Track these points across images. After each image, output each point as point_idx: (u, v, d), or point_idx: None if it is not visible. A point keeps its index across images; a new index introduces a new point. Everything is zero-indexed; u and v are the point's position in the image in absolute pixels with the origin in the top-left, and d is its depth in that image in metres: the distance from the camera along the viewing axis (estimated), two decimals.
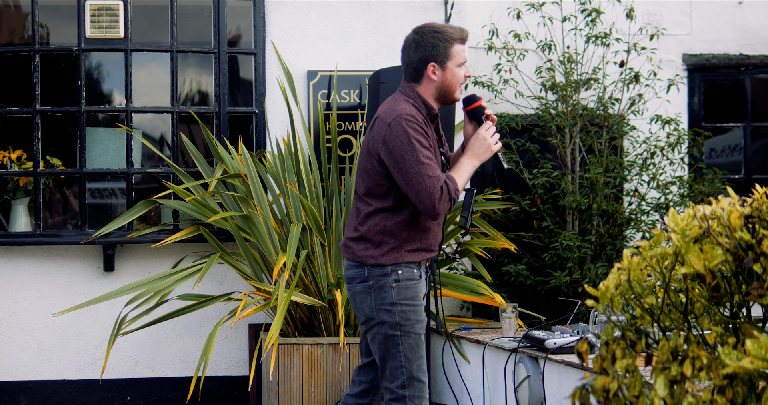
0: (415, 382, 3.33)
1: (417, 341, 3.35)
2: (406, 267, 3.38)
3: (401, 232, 3.39)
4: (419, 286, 3.42)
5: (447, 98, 3.44)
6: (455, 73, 3.38)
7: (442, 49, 3.36)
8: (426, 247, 3.46)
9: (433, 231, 3.47)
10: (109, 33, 5.61)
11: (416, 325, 3.35)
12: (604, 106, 5.89)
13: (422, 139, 3.30)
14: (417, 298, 3.39)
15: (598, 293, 2.05)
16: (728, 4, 6.75)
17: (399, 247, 3.39)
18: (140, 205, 5.45)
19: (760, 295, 1.86)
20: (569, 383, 3.91)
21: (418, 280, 3.41)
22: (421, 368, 3.35)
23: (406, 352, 3.34)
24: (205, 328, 5.62)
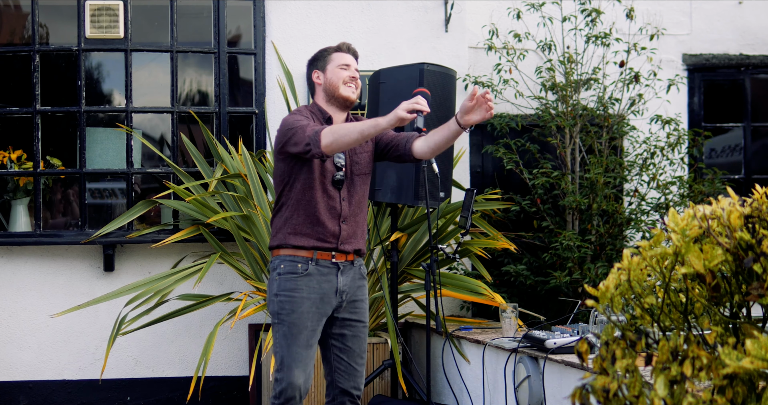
0: (285, 365, 3.57)
1: (291, 330, 3.57)
2: (289, 261, 3.62)
3: (285, 213, 3.67)
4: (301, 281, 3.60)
5: (335, 95, 3.71)
6: (335, 72, 3.72)
7: (322, 58, 3.79)
8: (311, 233, 3.61)
9: (318, 219, 3.61)
10: (109, 33, 5.61)
11: (291, 315, 3.57)
12: (604, 106, 5.89)
13: (301, 117, 3.63)
14: (297, 291, 3.59)
15: (598, 293, 2.05)
16: (728, 4, 6.75)
17: (282, 229, 3.66)
18: (140, 205, 5.45)
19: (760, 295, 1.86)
20: (569, 383, 3.91)
21: (300, 274, 3.60)
22: (293, 356, 3.55)
23: (280, 339, 3.59)
24: (205, 328, 5.62)
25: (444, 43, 5.89)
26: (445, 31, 5.90)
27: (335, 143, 3.44)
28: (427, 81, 4.86)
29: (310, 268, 3.62)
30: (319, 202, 3.63)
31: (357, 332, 3.70)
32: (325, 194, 3.64)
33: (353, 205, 3.69)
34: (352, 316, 3.70)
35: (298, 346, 3.56)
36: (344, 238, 3.66)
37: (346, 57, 3.76)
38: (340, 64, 3.73)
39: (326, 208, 3.63)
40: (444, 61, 5.72)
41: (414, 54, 5.81)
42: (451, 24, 5.90)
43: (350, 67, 3.74)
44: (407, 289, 5.27)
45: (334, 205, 3.64)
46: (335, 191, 3.66)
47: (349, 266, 3.69)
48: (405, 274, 5.33)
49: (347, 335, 3.68)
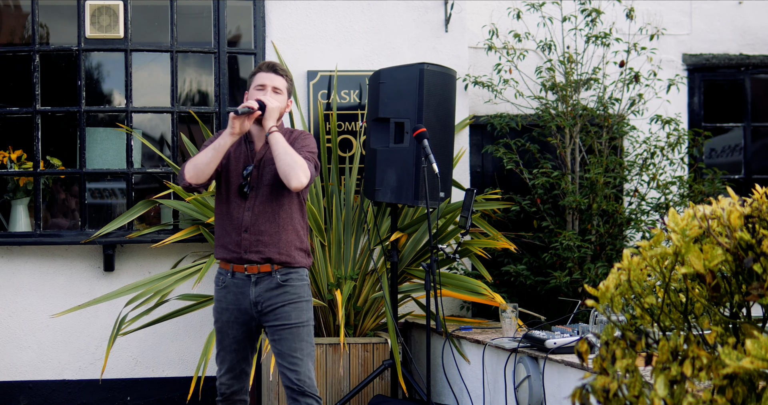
0: (217, 365, 3.90)
1: (218, 335, 3.88)
2: (219, 273, 3.88)
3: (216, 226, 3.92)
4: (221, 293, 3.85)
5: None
6: (252, 94, 3.88)
7: (250, 78, 3.94)
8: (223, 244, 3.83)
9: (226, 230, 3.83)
10: (109, 33, 5.61)
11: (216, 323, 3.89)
12: (604, 106, 5.89)
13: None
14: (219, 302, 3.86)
15: (598, 293, 2.05)
16: (728, 4, 6.75)
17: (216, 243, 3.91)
18: (140, 205, 5.45)
19: (760, 295, 1.86)
20: (569, 383, 3.91)
21: (220, 286, 3.85)
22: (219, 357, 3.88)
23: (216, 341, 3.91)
24: (205, 328, 5.62)
25: (444, 43, 5.89)
26: (445, 31, 5.90)
27: (195, 169, 3.71)
28: (427, 81, 4.86)
29: (227, 280, 3.84)
30: (224, 214, 3.84)
31: (283, 335, 3.80)
32: (229, 206, 3.83)
33: (256, 215, 3.79)
34: (276, 323, 3.81)
35: (224, 351, 3.86)
36: (246, 247, 3.78)
37: (263, 78, 3.88)
38: (256, 85, 3.89)
39: (230, 219, 3.82)
40: (444, 61, 5.72)
41: (414, 54, 5.81)
42: (451, 24, 5.90)
43: (265, 87, 3.86)
44: (407, 289, 5.27)
45: (238, 215, 3.81)
46: (241, 201, 3.82)
47: (265, 277, 3.81)
48: (405, 274, 5.33)
49: (277, 340, 3.83)
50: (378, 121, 4.94)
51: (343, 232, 5.32)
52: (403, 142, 4.85)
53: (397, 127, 4.88)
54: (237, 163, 3.85)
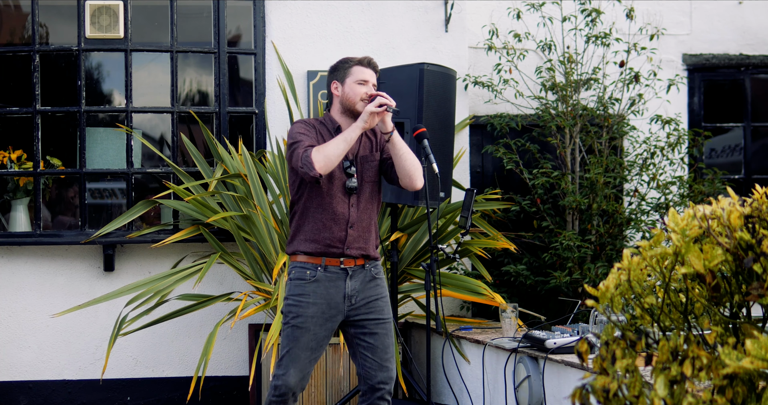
0: (283, 364, 3.73)
1: (294, 332, 3.71)
2: (299, 268, 3.76)
3: (298, 220, 3.81)
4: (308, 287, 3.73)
5: (351, 109, 3.81)
6: (353, 88, 3.80)
7: (343, 70, 3.85)
8: (319, 239, 3.73)
9: (325, 225, 3.74)
10: (109, 33, 5.61)
11: (296, 318, 3.72)
12: (604, 106, 5.89)
13: (302, 129, 3.77)
14: (303, 297, 3.72)
15: (598, 293, 2.05)
16: (728, 4, 6.75)
17: (296, 236, 3.81)
18: (140, 205, 5.45)
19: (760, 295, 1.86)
20: (569, 383, 3.91)
21: (308, 280, 3.73)
22: (291, 356, 3.71)
23: (284, 339, 3.76)
24: (205, 328, 5.62)
25: (444, 43, 5.89)
26: (445, 31, 5.90)
27: (327, 160, 3.62)
28: (427, 81, 4.86)
29: (318, 274, 3.74)
30: (324, 208, 3.75)
31: (377, 329, 3.77)
32: (332, 201, 3.75)
33: (361, 211, 3.79)
34: (369, 316, 3.77)
35: (298, 349, 3.71)
36: (350, 243, 3.75)
37: (365, 72, 3.83)
38: (358, 80, 3.81)
39: (332, 213, 3.75)
40: (444, 61, 5.72)
41: (414, 54, 5.81)
42: (451, 24, 5.90)
43: (368, 83, 3.81)
44: (407, 289, 5.27)
45: (343, 211, 3.76)
46: (345, 197, 3.77)
47: (359, 270, 3.79)
48: (405, 274, 5.33)
49: (367, 333, 3.76)
50: None
51: None
52: None
53: (397, 127, 4.88)
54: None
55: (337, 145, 3.64)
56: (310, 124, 3.84)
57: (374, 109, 3.64)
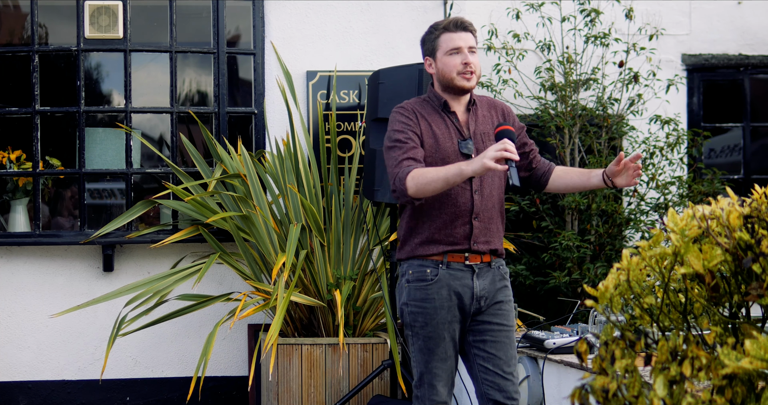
0: (425, 384, 3.27)
1: (427, 344, 3.26)
2: (418, 266, 3.30)
3: (409, 222, 3.35)
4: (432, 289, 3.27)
5: (450, 86, 3.37)
6: (445, 61, 3.35)
7: (430, 42, 3.41)
8: (440, 238, 3.27)
9: (445, 220, 3.27)
10: (109, 33, 5.61)
11: (426, 327, 3.26)
12: (603, 107, 5.89)
13: (399, 124, 3.32)
14: (428, 301, 3.27)
15: (598, 293, 2.05)
16: (728, 4, 6.75)
17: (409, 240, 3.34)
18: (139, 205, 5.45)
19: (759, 295, 1.86)
20: (568, 383, 3.91)
21: (430, 281, 3.27)
22: (432, 372, 3.25)
23: (416, 354, 3.30)
24: (204, 328, 5.62)
25: None
26: None
27: (419, 192, 3.17)
28: (426, 81, 4.86)
29: (440, 273, 3.28)
30: (445, 201, 3.28)
31: (500, 337, 3.31)
32: (451, 190, 3.26)
33: (486, 199, 3.32)
34: (494, 319, 3.31)
35: (437, 361, 3.26)
36: (476, 236, 3.29)
37: (455, 38, 3.34)
38: (449, 50, 3.34)
39: (454, 206, 3.28)
40: None
41: (413, 54, 5.81)
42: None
43: (461, 50, 3.32)
44: None
45: (465, 200, 3.29)
46: (465, 184, 3.27)
47: (486, 268, 3.32)
48: None
49: (489, 341, 3.30)
50: (377, 121, 4.94)
51: (343, 233, 5.31)
52: None
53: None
54: (448, 140, 3.32)
55: (435, 180, 3.13)
56: (411, 110, 3.35)
57: (493, 165, 3.02)
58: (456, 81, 3.34)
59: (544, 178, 3.52)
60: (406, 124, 3.32)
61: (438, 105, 3.38)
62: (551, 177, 3.52)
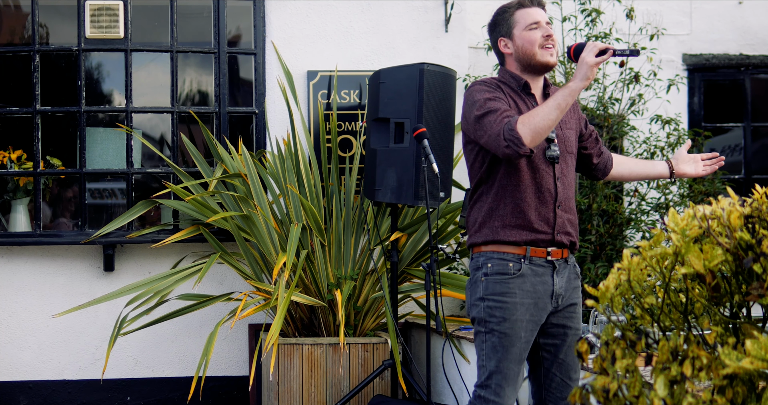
0: (493, 384, 3.07)
1: (503, 341, 3.06)
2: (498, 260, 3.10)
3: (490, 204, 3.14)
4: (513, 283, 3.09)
5: (532, 63, 3.19)
6: (525, 37, 3.17)
7: (503, 21, 3.23)
8: (523, 223, 3.10)
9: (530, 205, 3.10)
10: (109, 33, 5.61)
11: (503, 323, 3.06)
12: (604, 106, 5.89)
13: (487, 94, 3.11)
14: (508, 295, 3.08)
15: (598, 293, 2.05)
16: (728, 4, 6.75)
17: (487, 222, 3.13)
18: (140, 205, 5.45)
19: (760, 295, 1.86)
20: None
21: (512, 275, 3.08)
22: (504, 372, 3.06)
23: (488, 351, 3.09)
24: (205, 328, 5.62)
25: (444, 43, 5.89)
26: (445, 31, 5.90)
27: (535, 134, 2.94)
28: (427, 81, 4.86)
29: (523, 267, 3.09)
30: (528, 186, 3.10)
31: (571, 342, 3.16)
32: (535, 174, 3.11)
33: (567, 187, 3.17)
34: (567, 322, 3.16)
35: (510, 362, 3.05)
36: (560, 226, 3.13)
37: (532, 13, 3.19)
38: (528, 25, 3.17)
39: (537, 191, 3.11)
40: (444, 61, 5.72)
41: (414, 54, 5.81)
42: (451, 24, 5.90)
43: (541, 24, 3.17)
44: (407, 289, 5.27)
45: (549, 186, 3.12)
46: (548, 169, 3.13)
47: (564, 264, 3.16)
48: (405, 274, 5.33)
49: (559, 345, 3.16)
50: (378, 121, 4.94)
51: (343, 232, 5.31)
52: (403, 142, 4.85)
53: (397, 127, 4.88)
54: None
55: (547, 113, 2.93)
56: (495, 85, 3.17)
57: (596, 59, 2.90)
58: (538, 56, 3.17)
59: (610, 163, 3.44)
60: (494, 93, 3.13)
61: (518, 86, 3.21)
62: (615, 163, 3.45)
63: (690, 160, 3.44)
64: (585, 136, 3.37)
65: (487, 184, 3.15)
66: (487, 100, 3.08)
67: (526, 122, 2.95)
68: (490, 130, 3.01)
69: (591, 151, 3.40)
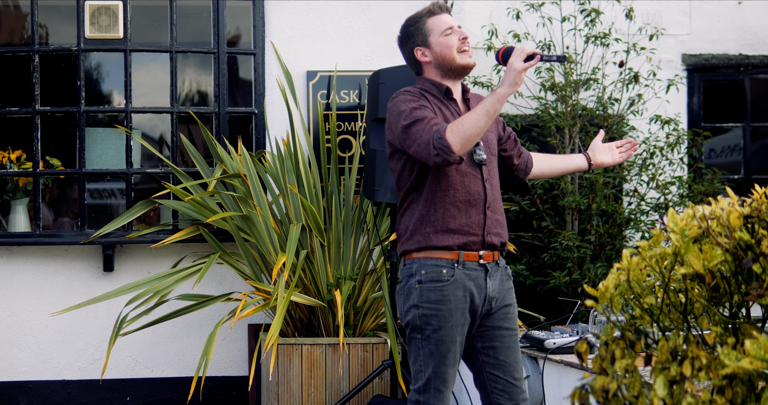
0: (431, 389, 3.13)
1: (439, 348, 3.11)
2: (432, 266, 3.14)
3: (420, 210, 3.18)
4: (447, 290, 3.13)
5: (453, 67, 3.24)
6: (442, 42, 3.23)
7: (417, 31, 3.28)
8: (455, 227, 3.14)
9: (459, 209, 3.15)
10: (109, 33, 5.61)
11: (439, 331, 3.11)
12: (603, 106, 5.89)
13: (412, 103, 3.15)
14: (443, 303, 3.12)
15: (598, 293, 2.05)
16: (728, 4, 6.75)
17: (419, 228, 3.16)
18: (140, 205, 5.45)
19: (759, 295, 1.86)
20: (569, 383, 3.91)
21: (446, 282, 3.12)
22: (440, 377, 3.12)
23: (425, 357, 3.14)
24: (204, 328, 5.62)
25: None
26: None
27: (465, 141, 2.98)
28: None
29: (457, 273, 3.12)
30: (458, 190, 3.15)
31: (509, 342, 3.22)
32: (464, 178, 3.17)
33: (494, 189, 3.24)
34: (503, 324, 3.22)
35: (447, 366, 3.12)
36: (490, 227, 3.18)
37: (444, 19, 3.26)
38: (443, 31, 3.23)
39: (467, 195, 3.16)
40: None
41: None
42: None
43: (455, 29, 3.24)
44: None
45: (477, 189, 3.18)
46: (476, 172, 3.19)
47: (496, 267, 3.22)
48: None
49: (498, 347, 3.21)
50: (377, 121, 4.94)
51: (343, 232, 5.31)
52: None
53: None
54: None
55: (476, 120, 2.97)
56: (419, 93, 3.21)
57: (524, 64, 2.93)
58: (458, 59, 3.23)
59: (530, 163, 3.53)
60: (419, 102, 3.16)
61: (440, 92, 3.26)
62: (534, 161, 3.54)
63: (605, 149, 3.54)
64: (504, 139, 3.44)
65: (418, 192, 3.19)
66: (413, 109, 3.12)
67: (455, 130, 2.99)
68: (419, 139, 3.05)
69: (511, 153, 3.47)
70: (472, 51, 3.32)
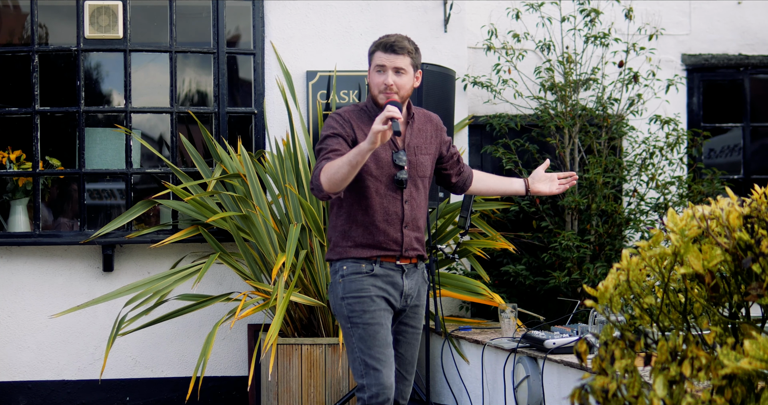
0: (370, 370, 3.36)
1: (368, 331, 3.38)
2: (352, 262, 3.44)
3: (342, 226, 3.49)
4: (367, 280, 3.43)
5: (375, 102, 3.51)
6: (372, 77, 3.50)
7: (369, 54, 3.54)
8: (373, 243, 3.43)
9: (378, 228, 3.43)
10: (108, 33, 5.61)
11: (364, 315, 3.39)
12: (603, 107, 5.89)
13: (330, 129, 3.43)
14: (364, 291, 3.42)
15: (597, 293, 2.05)
16: (728, 4, 6.75)
17: (340, 243, 3.48)
18: (139, 205, 5.45)
19: (758, 295, 1.86)
20: (568, 383, 3.91)
21: (366, 273, 3.43)
22: (376, 357, 3.37)
23: (357, 343, 3.40)
24: (204, 328, 5.62)
25: (443, 43, 5.89)
26: (444, 31, 5.90)
27: (333, 185, 3.27)
28: (426, 81, 4.86)
29: (375, 268, 3.43)
30: (377, 210, 3.43)
31: (410, 339, 3.55)
32: (383, 199, 3.44)
33: (415, 209, 3.49)
34: (410, 322, 3.54)
35: (379, 346, 3.37)
36: (407, 244, 3.47)
37: (381, 57, 3.46)
38: (375, 67, 3.48)
39: (385, 214, 3.43)
40: (443, 61, 5.72)
41: None
42: (450, 24, 5.90)
43: (386, 70, 3.45)
44: None
45: (396, 209, 3.44)
46: (396, 194, 3.45)
47: (413, 269, 3.52)
48: None
49: (401, 341, 3.53)
50: None
51: None
52: None
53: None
54: (382, 151, 3.43)
55: (339, 168, 3.23)
56: (345, 118, 3.46)
57: (380, 126, 3.12)
58: (378, 99, 3.48)
59: (469, 181, 3.77)
60: (337, 130, 3.43)
61: (373, 116, 3.47)
62: (473, 180, 3.80)
63: (546, 179, 3.75)
64: (446, 159, 3.69)
65: (340, 208, 3.48)
66: (327, 136, 3.43)
67: (326, 172, 3.28)
68: (315, 166, 3.38)
69: (450, 172, 3.73)
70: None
